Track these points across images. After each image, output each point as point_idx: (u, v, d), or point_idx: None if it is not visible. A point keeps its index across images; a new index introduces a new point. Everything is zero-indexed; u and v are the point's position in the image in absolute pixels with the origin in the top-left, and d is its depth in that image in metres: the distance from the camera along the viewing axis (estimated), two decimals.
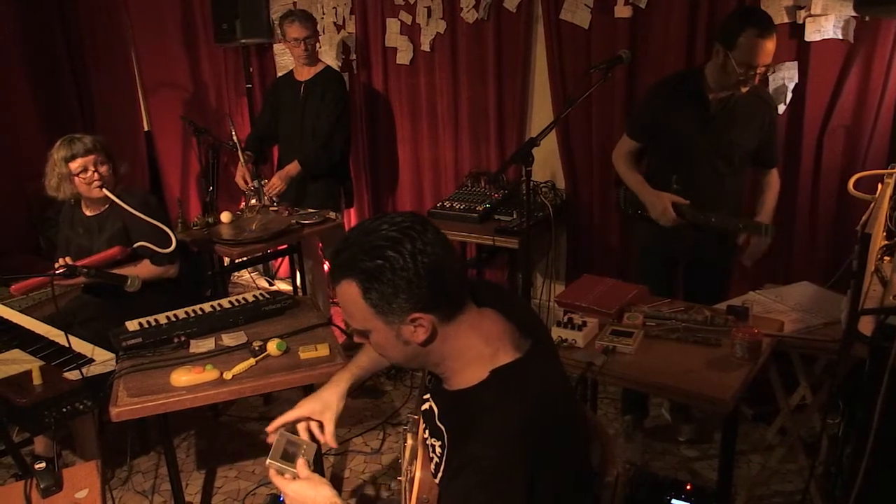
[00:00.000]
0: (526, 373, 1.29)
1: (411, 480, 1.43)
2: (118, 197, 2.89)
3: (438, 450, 1.38)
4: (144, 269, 2.89)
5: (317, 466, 2.61)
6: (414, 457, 1.44)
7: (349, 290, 1.26)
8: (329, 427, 1.64)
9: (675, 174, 2.76)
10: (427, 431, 1.44)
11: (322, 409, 1.66)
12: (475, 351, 1.32)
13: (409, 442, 1.52)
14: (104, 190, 2.86)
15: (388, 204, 4.64)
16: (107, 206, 2.95)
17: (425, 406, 1.46)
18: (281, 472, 1.42)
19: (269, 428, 1.61)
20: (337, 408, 1.68)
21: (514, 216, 3.59)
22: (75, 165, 2.81)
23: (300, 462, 1.40)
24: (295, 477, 1.41)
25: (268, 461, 1.42)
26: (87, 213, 2.98)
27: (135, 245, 2.89)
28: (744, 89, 2.59)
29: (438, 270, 1.24)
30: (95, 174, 2.83)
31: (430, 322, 1.27)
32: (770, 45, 2.51)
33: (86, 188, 2.86)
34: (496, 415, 1.24)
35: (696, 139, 2.71)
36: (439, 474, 1.37)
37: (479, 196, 3.83)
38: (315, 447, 1.44)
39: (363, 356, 1.77)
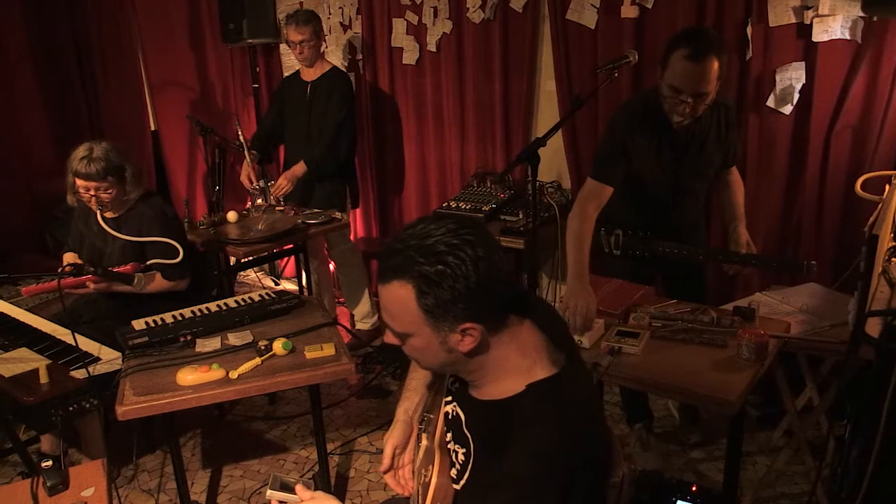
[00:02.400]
0: (563, 389, 1.28)
1: (425, 484, 1.41)
2: (135, 207, 2.93)
3: (462, 457, 1.37)
4: (155, 284, 2.90)
5: (321, 466, 2.62)
6: (429, 460, 1.43)
7: (401, 292, 1.23)
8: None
9: (666, 210, 2.67)
10: (450, 436, 1.43)
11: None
12: (512, 363, 1.30)
13: (424, 443, 1.50)
14: (101, 220, 2.85)
15: (394, 204, 4.64)
16: (124, 210, 2.95)
17: (447, 409, 1.45)
18: (283, 502, 1.39)
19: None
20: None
21: (520, 216, 3.58)
22: (80, 183, 2.79)
23: (298, 487, 1.38)
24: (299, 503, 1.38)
25: (268, 493, 1.39)
26: (106, 214, 2.95)
27: (148, 262, 2.91)
28: (677, 119, 2.44)
29: (495, 280, 1.23)
30: (94, 199, 2.81)
31: (480, 332, 1.25)
32: (702, 70, 2.30)
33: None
34: (534, 431, 1.23)
35: (672, 171, 2.60)
36: (462, 481, 1.36)
37: (484, 196, 3.83)
38: (311, 484, 1.42)
39: (412, 381, 1.70)
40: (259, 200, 3.82)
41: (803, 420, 2.78)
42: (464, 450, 1.37)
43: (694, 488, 2.27)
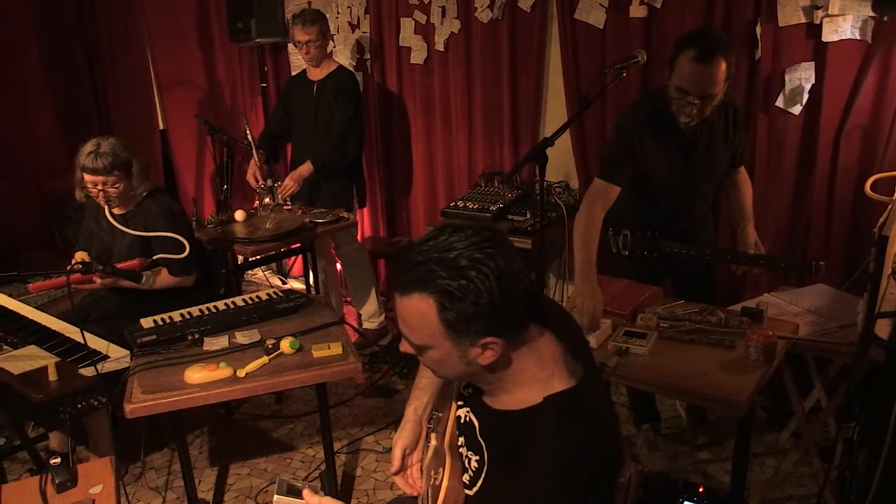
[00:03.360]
0: (581, 403, 1.28)
1: (435, 487, 1.40)
2: (143, 203, 2.94)
3: (475, 464, 1.37)
4: (161, 279, 2.91)
5: (327, 465, 2.62)
6: (439, 461, 1.42)
7: (421, 306, 1.21)
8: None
9: (674, 210, 2.67)
10: (462, 441, 1.42)
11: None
12: (530, 374, 1.30)
13: (433, 443, 1.49)
14: (108, 215, 2.87)
15: (401, 204, 4.65)
16: (133, 206, 2.96)
17: (459, 413, 1.45)
18: None
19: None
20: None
21: (528, 216, 3.58)
22: (87, 178, 2.81)
23: (306, 492, 1.36)
24: None
25: (275, 498, 1.38)
26: (115, 210, 2.96)
27: (154, 257, 2.92)
28: (684, 120, 2.43)
29: (517, 293, 1.21)
30: (101, 194, 2.83)
31: (501, 346, 1.24)
32: (709, 72, 2.29)
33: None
34: (551, 447, 1.22)
35: (680, 171, 2.59)
36: (475, 488, 1.36)
37: (492, 196, 3.82)
38: (317, 486, 1.41)
39: (422, 379, 1.69)
40: (267, 199, 3.83)
41: (811, 422, 2.76)
42: (477, 457, 1.37)
43: (701, 489, 2.27)
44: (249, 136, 3.77)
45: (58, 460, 1.81)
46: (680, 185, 2.63)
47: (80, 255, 3.03)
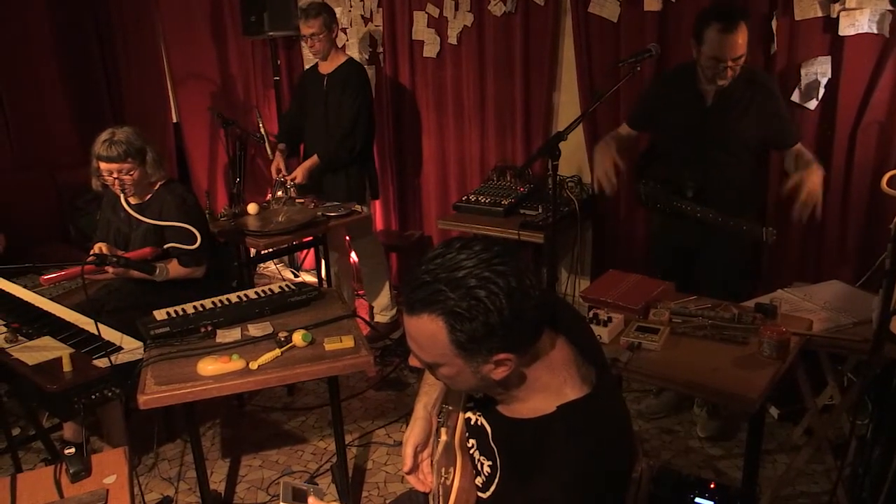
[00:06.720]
0: (594, 412, 1.27)
1: (446, 486, 1.40)
2: (158, 193, 2.96)
3: (488, 469, 1.37)
4: (172, 270, 2.93)
5: (339, 457, 2.64)
6: (450, 459, 1.42)
7: (431, 326, 1.19)
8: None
9: (689, 172, 2.79)
10: (474, 444, 1.42)
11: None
12: (542, 381, 1.29)
13: (444, 438, 1.48)
14: (125, 204, 2.90)
15: (413, 197, 4.64)
16: (148, 196, 2.99)
17: (469, 415, 1.44)
18: None
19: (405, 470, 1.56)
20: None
21: (540, 210, 3.57)
22: (103, 166, 2.84)
23: (311, 500, 1.34)
24: None
25: None
26: (131, 200, 2.99)
27: (165, 246, 2.94)
28: (721, 82, 2.64)
29: (528, 309, 1.19)
30: (117, 182, 2.86)
31: (514, 361, 1.22)
32: (736, 39, 2.54)
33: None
34: (567, 457, 1.21)
35: (692, 131, 2.77)
36: (488, 493, 1.36)
37: (504, 190, 3.82)
38: (321, 489, 1.39)
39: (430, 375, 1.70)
40: (279, 192, 3.84)
41: (824, 419, 2.75)
42: (490, 462, 1.36)
43: (712, 485, 2.26)
44: (262, 130, 3.77)
45: (72, 450, 1.83)
46: (695, 147, 2.78)
47: (99, 246, 3.05)
